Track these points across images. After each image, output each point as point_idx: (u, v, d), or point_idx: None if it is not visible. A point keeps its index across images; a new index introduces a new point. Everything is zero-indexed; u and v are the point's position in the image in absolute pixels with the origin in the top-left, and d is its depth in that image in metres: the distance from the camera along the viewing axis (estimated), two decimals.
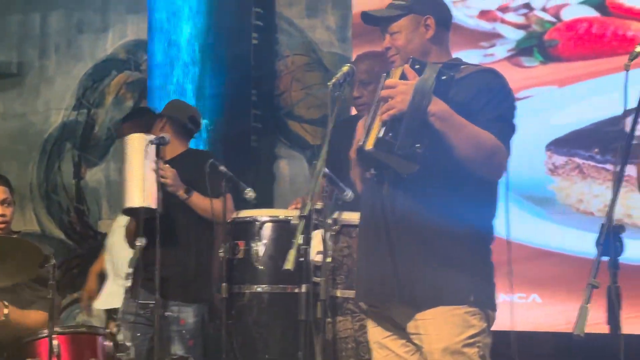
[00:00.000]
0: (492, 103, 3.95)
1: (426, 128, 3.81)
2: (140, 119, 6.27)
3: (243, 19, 6.90)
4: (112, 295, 6.37)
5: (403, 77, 3.85)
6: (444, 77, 3.85)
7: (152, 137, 5.60)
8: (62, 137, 7.59)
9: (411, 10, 4.14)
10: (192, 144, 6.42)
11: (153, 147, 5.61)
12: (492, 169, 3.96)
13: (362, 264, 4.27)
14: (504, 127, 3.96)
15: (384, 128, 3.78)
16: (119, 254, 6.44)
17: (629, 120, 3.68)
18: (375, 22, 4.24)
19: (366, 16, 4.23)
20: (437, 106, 3.79)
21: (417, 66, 3.85)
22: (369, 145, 3.85)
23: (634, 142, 3.68)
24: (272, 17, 7.03)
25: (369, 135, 3.89)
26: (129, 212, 5.70)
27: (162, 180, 5.63)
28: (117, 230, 6.52)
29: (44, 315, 4.98)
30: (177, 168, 5.78)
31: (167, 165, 5.70)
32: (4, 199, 5.71)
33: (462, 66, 4.07)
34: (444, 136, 3.82)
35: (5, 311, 5.21)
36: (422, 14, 4.15)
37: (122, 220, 6.30)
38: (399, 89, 3.80)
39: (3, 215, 5.65)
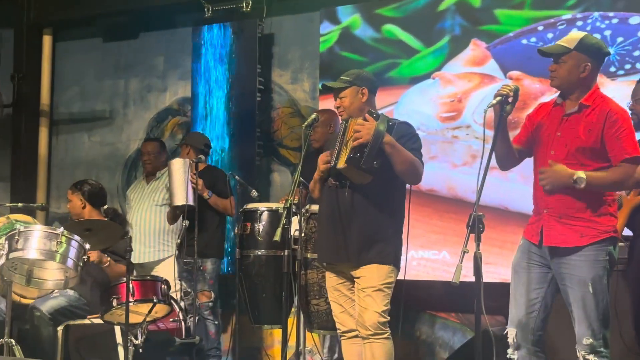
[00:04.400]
0: (412, 140, 4.09)
1: (380, 152, 3.92)
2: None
3: (251, 85, 6.89)
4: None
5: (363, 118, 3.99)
6: (390, 123, 4.00)
7: (187, 160, 5.73)
8: (137, 157, 7.55)
9: (353, 84, 4.27)
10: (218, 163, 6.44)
11: (188, 165, 5.69)
12: (416, 178, 4.15)
13: (323, 238, 4.32)
14: (420, 156, 4.16)
15: (354, 150, 3.92)
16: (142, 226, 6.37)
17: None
18: (330, 90, 4.33)
19: (324, 87, 4.35)
20: (388, 138, 3.96)
21: (374, 115, 3.97)
22: (341, 164, 3.98)
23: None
24: (269, 84, 7.03)
25: (339, 158, 4.01)
26: (177, 208, 5.75)
27: (194, 187, 5.75)
28: (133, 211, 6.44)
29: (123, 267, 4.99)
30: (202, 178, 5.86)
31: (198, 177, 5.81)
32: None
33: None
34: (391, 157, 4.00)
35: (107, 260, 5.25)
36: (360, 86, 4.26)
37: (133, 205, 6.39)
38: (366, 126, 3.95)
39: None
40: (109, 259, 5.25)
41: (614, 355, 4.26)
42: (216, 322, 5.98)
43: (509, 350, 3.83)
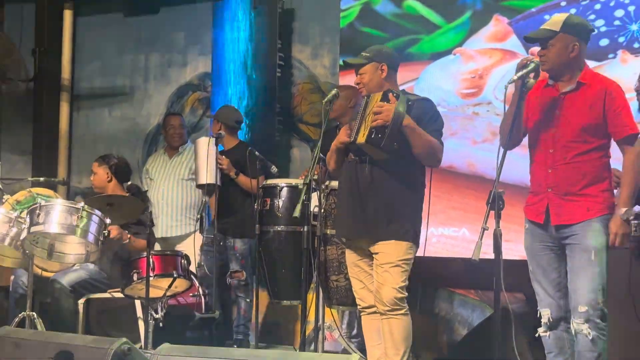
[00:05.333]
0: (433, 119, 4.07)
1: (400, 133, 3.89)
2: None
3: (271, 61, 6.86)
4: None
5: (384, 98, 3.94)
6: (409, 103, 3.99)
7: (213, 138, 5.70)
8: (158, 132, 7.57)
9: (372, 60, 4.25)
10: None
11: (213, 144, 5.67)
12: (435, 162, 4.14)
13: (342, 213, 4.32)
14: (440, 135, 4.11)
15: (374, 131, 3.90)
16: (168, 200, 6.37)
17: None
18: (351, 66, 4.32)
19: (345, 63, 4.37)
20: (407, 120, 3.96)
21: (395, 95, 3.95)
22: (360, 140, 3.97)
23: None
24: (289, 59, 7.01)
25: (359, 133, 4.00)
26: (200, 186, 5.77)
27: (220, 166, 5.72)
28: (157, 185, 6.46)
29: (144, 242, 5.01)
30: (231, 156, 5.84)
31: (223, 156, 5.78)
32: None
33: (408, 95, 4.20)
34: (410, 139, 3.98)
35: (128, 236, 5.27)
36: (380, 62, 4.23)
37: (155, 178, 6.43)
38: (386, 107, 3.94)
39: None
40: (129, 235, 5.28)
41: (631, 335, 4.25)
42: (248, 300, 6.00)
43: (540, 330, 3.83)
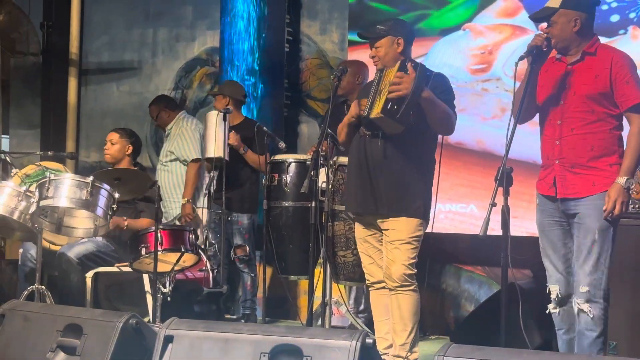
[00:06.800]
0: (446, 92, 4.06)
1: (417, 105, 3.91)
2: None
3: (279, 36, 6.85)
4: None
5: (402, 68, 3.94)
6: (427, 74, 4.03)
7: (221, 114, 5.68)
8: None
9: (388, 33, 4.25)
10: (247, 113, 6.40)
11: (221, 118, 5.66)
12: (450, 130, 4.16)
13: (352, 189, 4.33)
14: (453, 107, 4.14)
15: (390, 102, 3.90)
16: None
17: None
18: (366, 39, 4.31)
19: (360, 35, 4.41)
20: (427, 93, 3.97)
21: (413, 64, 3.99)
22: (374, 114, 3.96)
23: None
24: (298, 34, 7.00)
25: (372, 108, 3.99)
26: (208, 159, 5.77)
27: (230, 142, 5.74)
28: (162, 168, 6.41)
29: (150, 220, 5.03)
30: (238, 133, 5.85)
31: (233, 131, 5.79)
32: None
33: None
34: (427, 110, 4.00)
35: (125, 223, 5.29)
36: (396, 35, 4.23)
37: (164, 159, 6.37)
38: (405, 79, 3.92)
39: None
40: (126, 223, 5.32)
41: (637, 313, 4.26)
42: (252, 275, 6.03)
43: (550, 306, 3.84)
